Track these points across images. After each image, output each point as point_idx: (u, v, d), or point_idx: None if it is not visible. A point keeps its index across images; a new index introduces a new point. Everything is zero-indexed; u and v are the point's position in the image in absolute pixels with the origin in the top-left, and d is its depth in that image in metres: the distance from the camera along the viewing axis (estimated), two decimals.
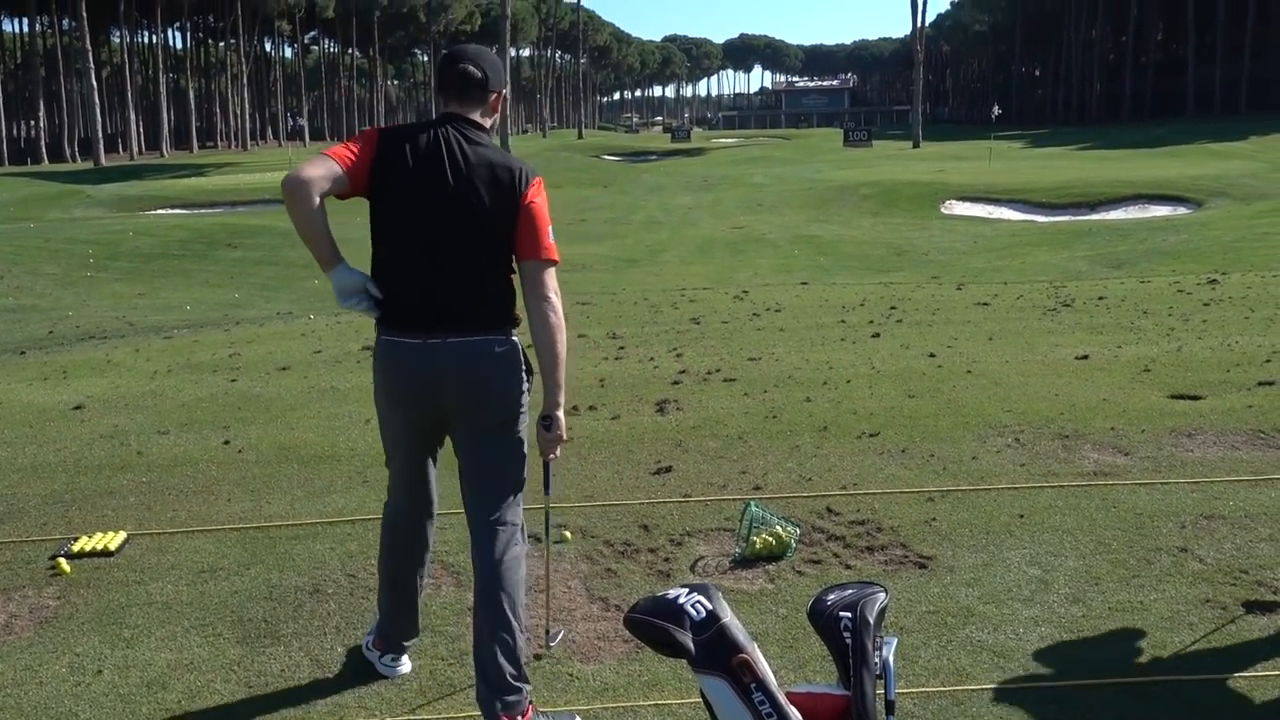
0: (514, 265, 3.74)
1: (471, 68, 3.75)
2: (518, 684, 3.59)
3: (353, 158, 3.61)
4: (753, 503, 5.20)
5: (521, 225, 3.66)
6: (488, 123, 3.81)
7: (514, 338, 3.74)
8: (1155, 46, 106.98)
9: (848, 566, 4.89)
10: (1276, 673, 3.85)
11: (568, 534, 5.32)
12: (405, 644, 4.08)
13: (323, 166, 3.55)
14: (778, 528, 5.04)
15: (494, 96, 3.82)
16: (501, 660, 3.59)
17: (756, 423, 7.36)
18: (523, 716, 3.58)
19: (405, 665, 4.06)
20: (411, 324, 3.67)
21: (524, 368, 3.78)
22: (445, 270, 3.64)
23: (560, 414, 3.77)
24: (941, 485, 5.93)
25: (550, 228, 3.73)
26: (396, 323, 3.70)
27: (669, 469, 6.40)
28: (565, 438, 3.85)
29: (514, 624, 3.65)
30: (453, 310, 3.65)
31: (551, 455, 3.88)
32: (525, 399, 3.80)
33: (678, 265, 24.25)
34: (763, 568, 4.89)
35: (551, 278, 3.70)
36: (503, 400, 3.73)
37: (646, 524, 5.48)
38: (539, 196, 3.71)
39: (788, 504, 5.66)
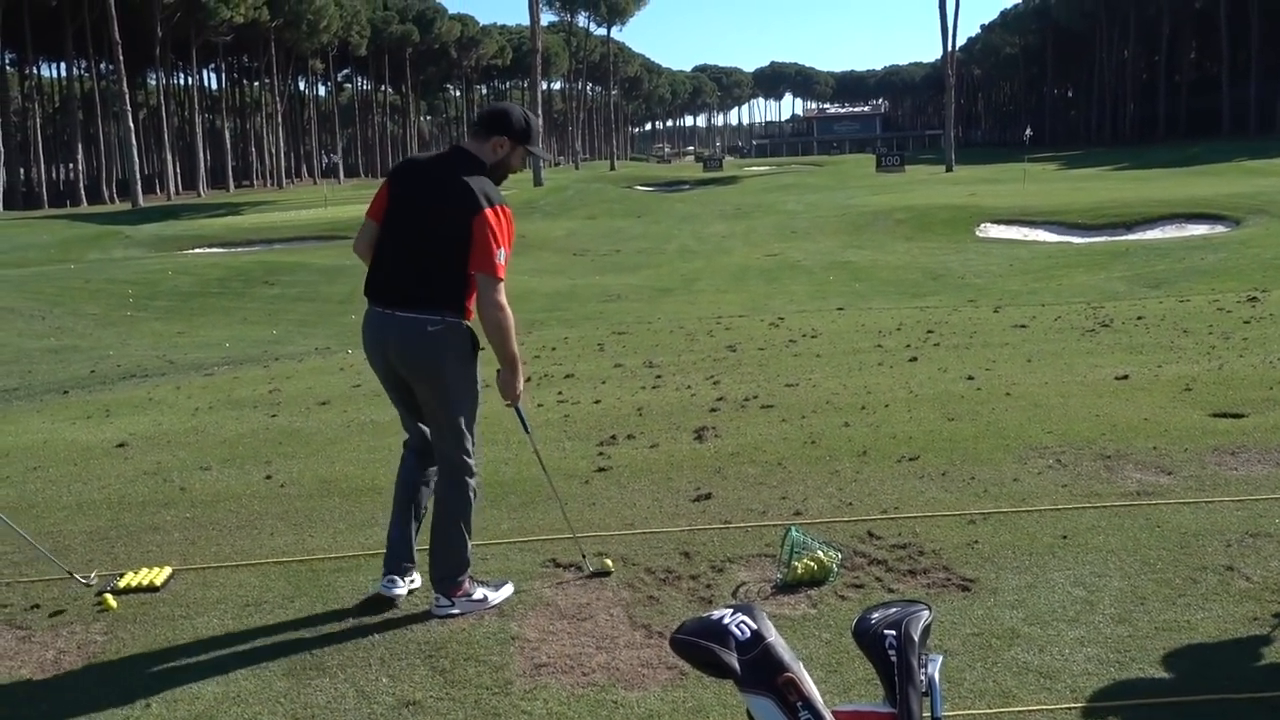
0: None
1: (487, 115, 4.81)
2: (456, 574, 4.83)
3: (379, 200, 4.84)
4: (793, 528, 5.19)
5: (474, 241, 4.52)
6: (487, 160, 4.74)
7: (449, 319, 4.63)
8: (1189, 65, 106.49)
9: (890, 590, 4.87)
10: None
11: (609, 562, 5.31)
12: (405, 567, 5.00)
13: (361, 231, 4.94)
14: (819, 552, 5.03)
15: (491, 140, 4.74)
16: (445, 555, 4.82)
17: (795, 448, 7.35)
18: (457, 590, 4.83)
19: (401, 587, 4.94)
20: (378, 297, 4.75)
21: (470, 344, 4.72)
22: (411, 262, 4.65)
23: (513, 379, 4.76)
24: (983, 507, 5.90)
25: (501, 251, 4.56)
26: (371, 296, 4.79)
27: (709, 496, 6.40)
28: (516, 394, 4.84)
29: (458, 533, 4.84)
30: (405, 291, 4.65)
31: (508, 403, 4.91)
32: (459, 366, 4.69)
33: (713, 293, 24.28)
34: (805, 593, 4.88)
35: (497, 290, 4.56)
36: (429, 364, 4.66)
37: (687, 551, 5.48)
38: (497, 222, 4.54)
39: (828, 529, 5.65)
